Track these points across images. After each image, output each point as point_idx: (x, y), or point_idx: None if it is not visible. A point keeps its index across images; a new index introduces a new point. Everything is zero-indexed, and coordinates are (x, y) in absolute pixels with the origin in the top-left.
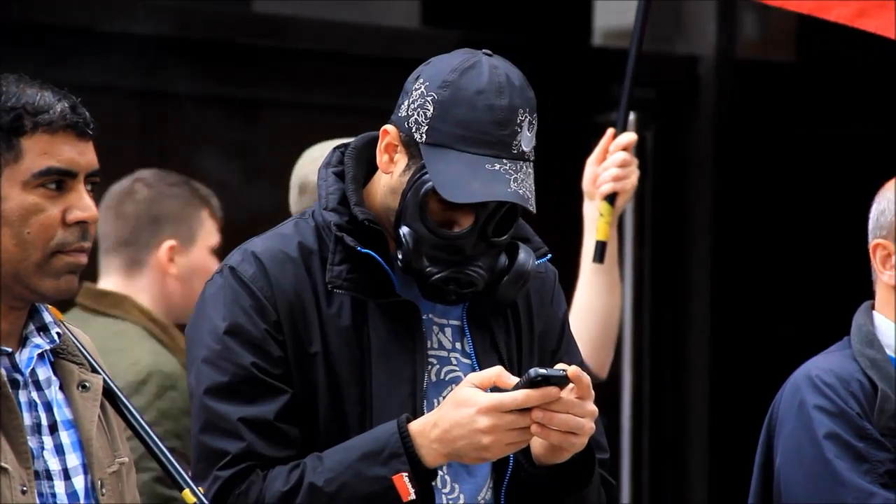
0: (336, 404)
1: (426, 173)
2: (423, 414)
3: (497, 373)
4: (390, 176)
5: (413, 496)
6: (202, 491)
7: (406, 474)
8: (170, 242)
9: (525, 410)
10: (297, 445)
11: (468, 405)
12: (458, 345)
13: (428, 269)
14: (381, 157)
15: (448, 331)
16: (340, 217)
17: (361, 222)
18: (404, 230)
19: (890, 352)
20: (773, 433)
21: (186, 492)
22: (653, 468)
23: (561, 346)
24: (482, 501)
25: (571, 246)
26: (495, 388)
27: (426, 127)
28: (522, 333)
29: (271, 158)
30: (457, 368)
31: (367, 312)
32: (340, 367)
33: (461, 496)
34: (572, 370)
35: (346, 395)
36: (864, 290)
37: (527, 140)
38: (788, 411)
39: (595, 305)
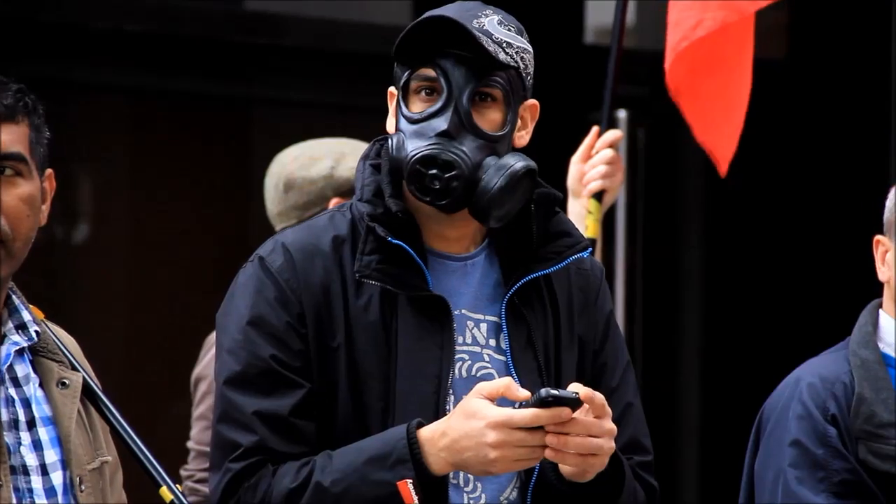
0: (357, 399)
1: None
2: (446, 411)
3: (506, 384)
4: None
5: (416, 503)
6: (180, 489)
7: (411, 481)
8: None
9: (535, 429)
10: (311, 442)
11: (478, 417)
12: (491, 341)
13: (410, 152)
14: (390, 122)
15: (483, 326)
16: (374, 208)
17: (395, 214)
18: (393, 138)
19: (890, 350)
20: (760, 434)
21: (164, 489)
22: None
23: (605, 346)
24: (505, 501)
25: None
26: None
27: (395, 44)
28: (561, 332)
29: (264, 156)
30: (489, 365)
31: (396, 306)
32: (365, 360)
33: (483, 496)
34: (585, 392)
35: (369, 389)
36: (858, 289)
37: (495, 28)
38: (773, 412)
39: None
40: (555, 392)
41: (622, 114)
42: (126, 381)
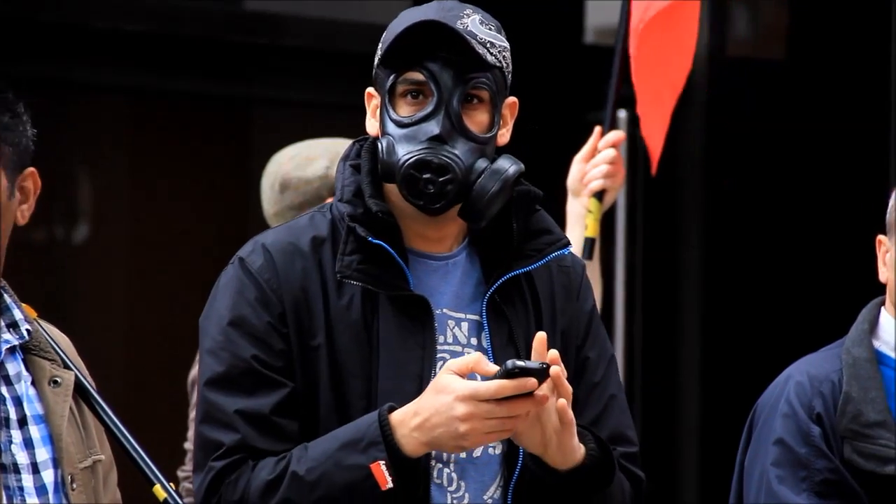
0: (340, 397)
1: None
2: None
3: (476, 359)
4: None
5: (391, 485)
6: (174, 487)
7: (383, 462)
8: None
9: (503, 401)
10: (293, 439)
11: (446, 392)
12: (473, 340)
13: (402, 157)
14: (370, 123)
15: (465, 325)
16: (354, 208)
17: (375, 214)
18: (382, 141)
19: (886, 349)
20: (752, 431)
21: (157, 487)
22: (644, 469)
23: (587, 341)
24: (489, 501)
25: None
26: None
27: (380, 46)
28: (544, 328)
29: (264, 156)
30: None
31: (377, 306)
32: (347, 360)
33: (466, 495)
34: (552, 355)
35: (350, 388)
36: (857, 289)
37: (478, 28)
38: (763, 411)
39: None
40: (521, 363)
41: (622, 114)
42: (125, 381)
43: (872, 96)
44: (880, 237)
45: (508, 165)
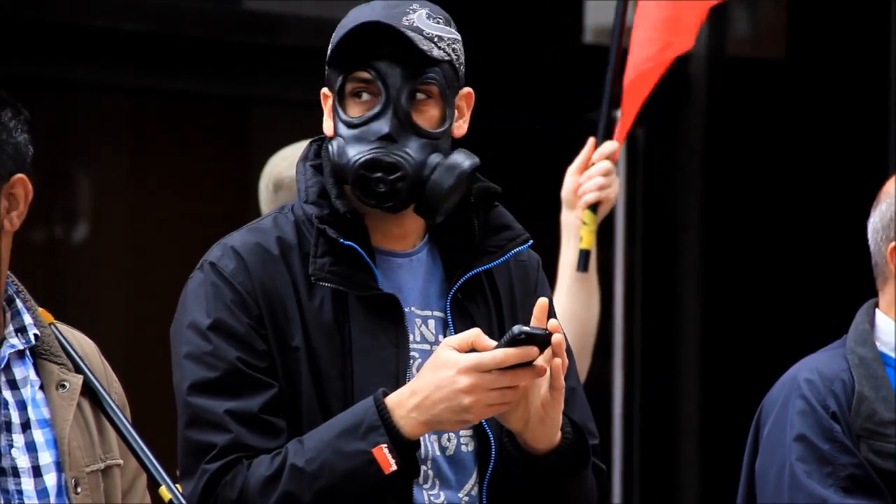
0: (321, 398)
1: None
2: None
3: (475, 334)
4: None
5: (395, 468)
6: (180, 489)
7: (385, 446)
8: None
9: (506, 370)
10: (286, 436)
11: (448, 366)
12: (440, 337)
13: (353, 158)
14: (327, 124)
15: (431, 323)
16: (321, 209)
17: (343, 214)
18: (333, 143)
19: (886, 350)
20: (759, 431)
21: (163, 488)
22: (643, 469)
23: None
24: (466, 499)
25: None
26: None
27: (329, 48)
28: (505, 324)
29: (263, 157)
30: None
31: (348, 306)
32: (322, 361)
33: (442, 494)
34: (553, 323)
35: (329, 389)
36: (857, 290)
37: (425, 23)
38: (772, 409)
39: (575, 313)
40: (527, 329)
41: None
42: (126, 381)
43: (872, 96)
44: (893, 244)
45: (463, 160)
